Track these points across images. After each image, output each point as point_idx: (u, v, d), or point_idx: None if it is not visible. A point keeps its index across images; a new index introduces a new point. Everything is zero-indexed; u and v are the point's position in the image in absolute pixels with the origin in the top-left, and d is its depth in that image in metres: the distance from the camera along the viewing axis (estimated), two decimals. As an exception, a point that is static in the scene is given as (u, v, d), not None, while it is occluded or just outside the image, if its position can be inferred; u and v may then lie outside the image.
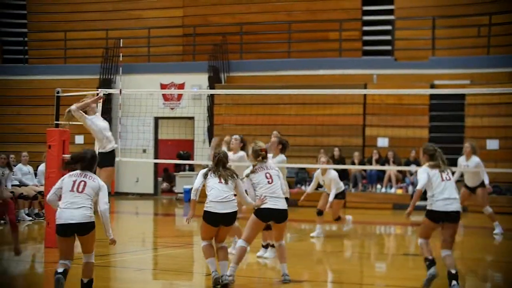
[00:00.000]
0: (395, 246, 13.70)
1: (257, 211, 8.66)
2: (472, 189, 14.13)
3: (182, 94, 24.42)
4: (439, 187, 8.22)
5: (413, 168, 18.44)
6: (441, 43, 23.06)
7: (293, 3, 25.33)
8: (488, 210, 14.05)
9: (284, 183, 9.43)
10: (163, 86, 24.62)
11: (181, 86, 24.44)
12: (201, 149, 22.57)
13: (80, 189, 7.54)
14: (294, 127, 22.11)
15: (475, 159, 13.89)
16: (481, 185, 14.03)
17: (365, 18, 24.66)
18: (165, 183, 26.28)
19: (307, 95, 20.55)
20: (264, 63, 24.23)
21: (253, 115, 21.69)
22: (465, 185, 14.29)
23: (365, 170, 21.46)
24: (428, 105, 21.67)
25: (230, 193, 8.44)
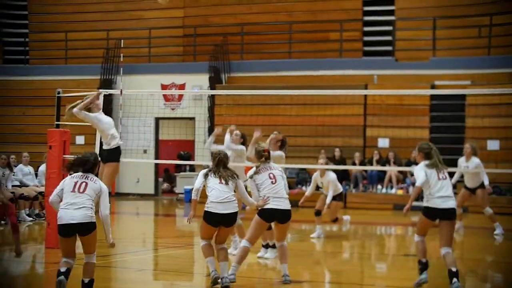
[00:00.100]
0: (395, 247, 13.69)
1: (260, 212, 8.69)
2: (472, 190, 14.13)
3: (182, 95, 24.39)
4: (436, 186, 8.31)
5: (414, 168, 18.39)
6: (441, 44, 23.05)
7: (294, 3, 25.31)
8: (489, 211, 14.05)
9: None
10: (163, 87, 24.63)
11: (181, 87, 24.44)
12: (202, 149, 22.47)
13: (81, 189, 7.59)
14: (295, 127, 22.11)
15: (475, 160, 13.90)
16: (481, 186, 14.04)
17: (365, 18, 24.64)
18: (166, 183, 26.26)
19: (307, 95, 20.55)
20: (265, 63, 24.22)
21: (253, 116, 21.63)
22: (465, 186, 14.30)
23: (365, 171, 21.46)
24: (428, 105, 21.65)
25: (230, 193, 8.46)
